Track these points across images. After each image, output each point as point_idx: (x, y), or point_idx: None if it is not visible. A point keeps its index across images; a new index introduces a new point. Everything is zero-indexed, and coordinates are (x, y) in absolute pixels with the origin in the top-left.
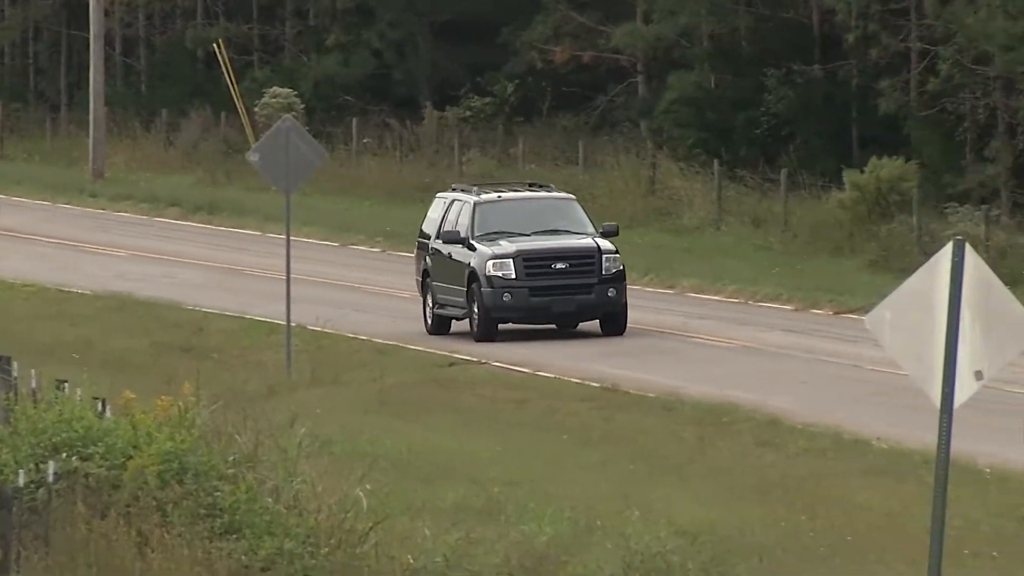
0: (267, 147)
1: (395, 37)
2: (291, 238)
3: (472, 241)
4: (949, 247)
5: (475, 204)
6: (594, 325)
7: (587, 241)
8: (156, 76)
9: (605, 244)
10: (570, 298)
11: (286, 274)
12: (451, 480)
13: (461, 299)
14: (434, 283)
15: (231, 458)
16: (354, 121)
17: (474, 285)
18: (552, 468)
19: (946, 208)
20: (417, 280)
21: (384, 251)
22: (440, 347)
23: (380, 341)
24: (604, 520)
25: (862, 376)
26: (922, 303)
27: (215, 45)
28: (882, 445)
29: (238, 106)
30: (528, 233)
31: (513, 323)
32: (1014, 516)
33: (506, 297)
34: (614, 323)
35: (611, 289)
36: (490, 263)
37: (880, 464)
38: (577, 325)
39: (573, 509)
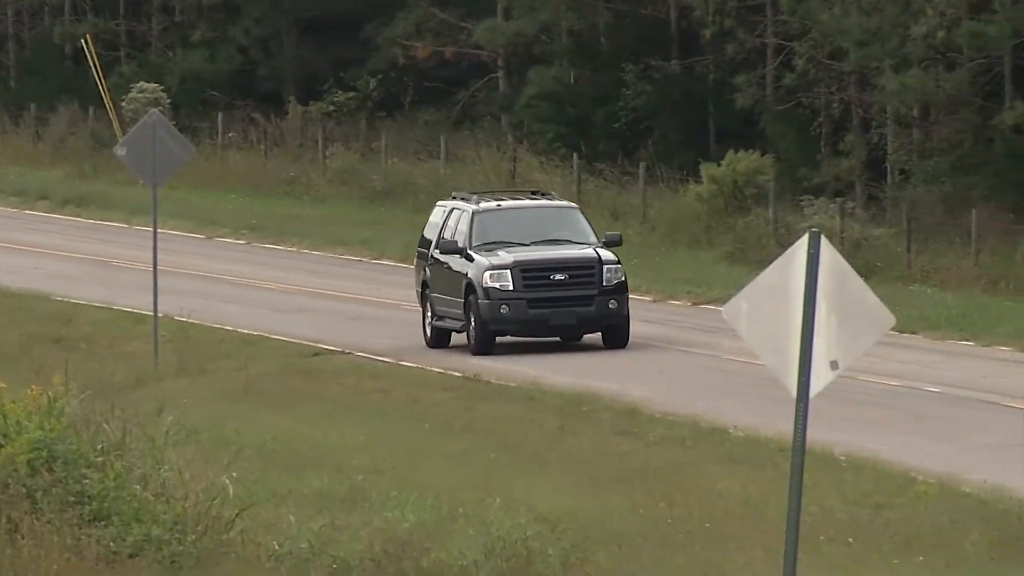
0: (134, 141)
1: (260, 33)
2: (158, 230)
3: (470, 251)
4: (805, 239)
5: (473, 213)
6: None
7: (587, 251)
8: (24, 71)
9: (606, 254)
10: (570, 310)
11: (153, 266)
12: (316, 468)
13: (459, 311)
14: (432, 294)
15: (100, 446)
16: (220, 116)
17: (471, 297)
18: (415, 457)
19: (801, 201)
20: (417, 291)
21: (249, 243)
22: (302, 336)
23: (245, 331)
24: (466, 507)
25: (720, 366)
26: (778, 294)
27: (83, 41)
28: (739, 434)
29: (106, 101)
30: (527, 243)
31: (512, 336)
32: (869, 503)
33: (504, 309)
34: (616, 336)
35: (612, 301)
36: (487, 274)
37: (737, 452)
38: (581, 337)
39: (436, 497)
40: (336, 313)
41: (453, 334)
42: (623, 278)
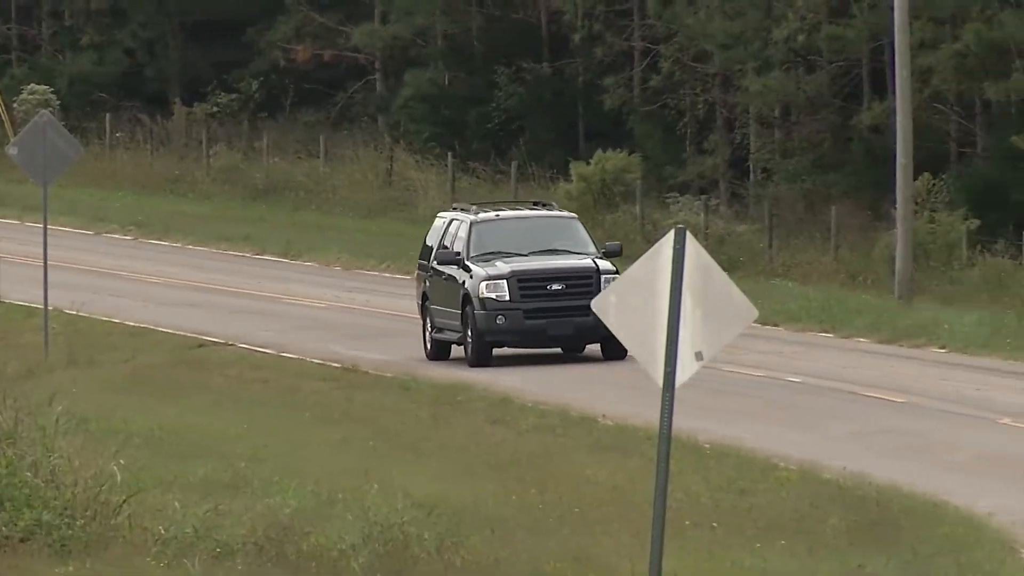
0: (25, 141)
1: (147, 37)
2: (48, 227)
3: (467, 262)
4: (671, 235)
5: (471, 223)
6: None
7: (585, 261)
8: None
9: (604, 264)
10: (567, 320)
11: (43, 261)
12: (200, 456)
13: (457, 322)
14: (432, 306)
15: None
16: (108, 117)
17: (468, 308)
18: (296, 444)
19: (667, 198)
20: (417, 303)
21: (136, 239)
22: (187, 328)
23: (132, 324)
24: (345, 493)
25: (588, 357)
26: (646, 288)
27: None
28: (608, 422)
29: None
30: (525, 253)
31: (509, 347)
32: (732, 489)
33: (500, 320)
34: (614, 347)
35: None
36: (483, 284)
37: (606, 440)
38: (583, 349)
39: (316, 483)
40: (220, 307)
41: (453, 346)
42: None
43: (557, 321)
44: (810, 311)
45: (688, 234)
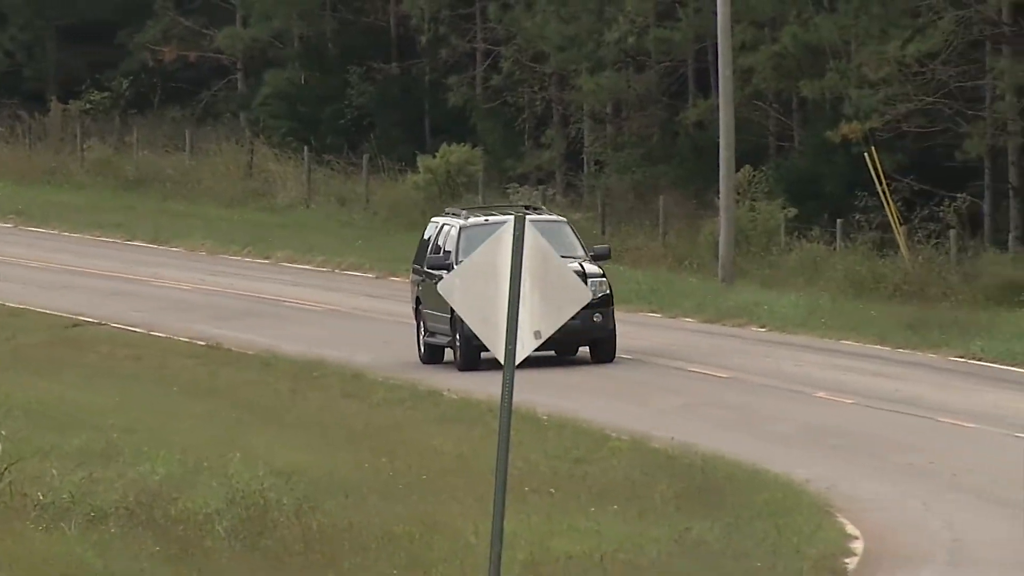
0: None
1: (25, 39)
2: None
3: (456, 266)
4: (511, 222)
5: (460, 228)
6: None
7: (571, 265)
8: None
9: (591, 268)
10: None
11: None
12: (76, 427)
13: (447, 326)
14: (424, 310)
15: None
16: None
17: (455, 312)
18: (164, 416)
19: (507, 188)
20: (412, 307)
21: (16, 226)
22: (64, 309)
23: (12, 305)
24: (210, 462)
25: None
26: (488, 272)
27: None
28: (453, 396)
29: None
30: None
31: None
32: (568, 458)
33: None
34: (603, 349)
35: (597, 314)
36: None
37: (451, 412)
38: (576, 351)
39: (183, 452)
40: (94, 289)
41: (447, 350)
42: (608, 291)
43: None
44: (640, 293)
45: (527, 222)
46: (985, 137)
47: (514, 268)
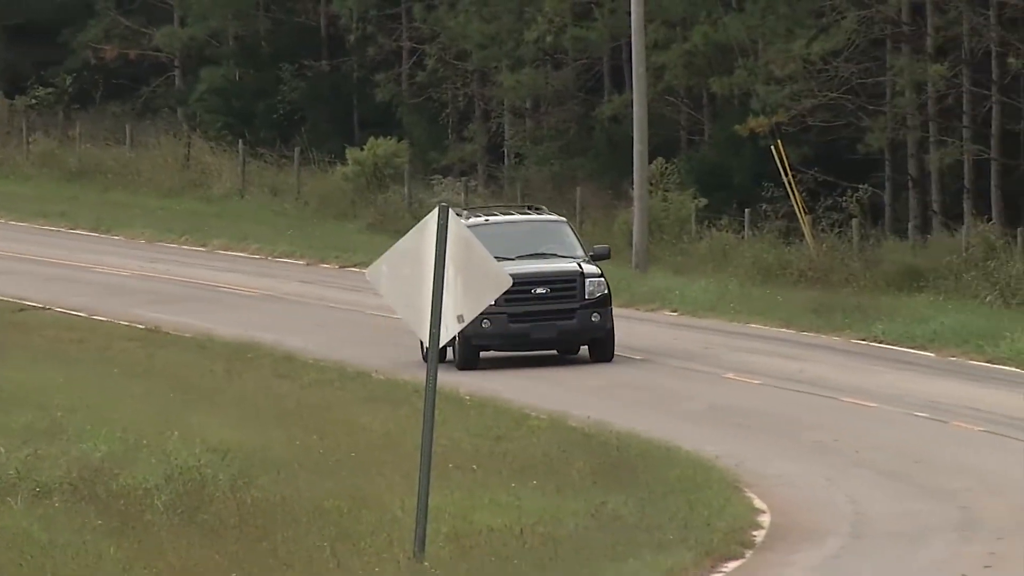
0: None
1: None
2: None
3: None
4: (435, 212)
5: None
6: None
7: (569, 265)
8: None
9: (589, 268)
10: (550, 324)
11: None
12: (22, 407)
13: None
14: None
15: None
16: None
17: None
18: (106, 396)
19: (432, 180)
20: None
21: None
22: (10, 295)
23: None
24: (149, 439)
25: (363, 320)
26: (413, 259)
27: None
28: (380, 377)
29: None
30: (513, 257)
31: (495, 351)
32: (490, 436)
33: (485, 324)
34: (601, 349)
35: (595, 314)
36: None
37: (379, 393)
38: (578, 350)
39: (123, 430)
40: (38, 275)
41: (449, 349)
42: (606, 291)
43: (540, 325)
44: None
45: (451, 211)
46: (886, 131)
47: (438, 255)
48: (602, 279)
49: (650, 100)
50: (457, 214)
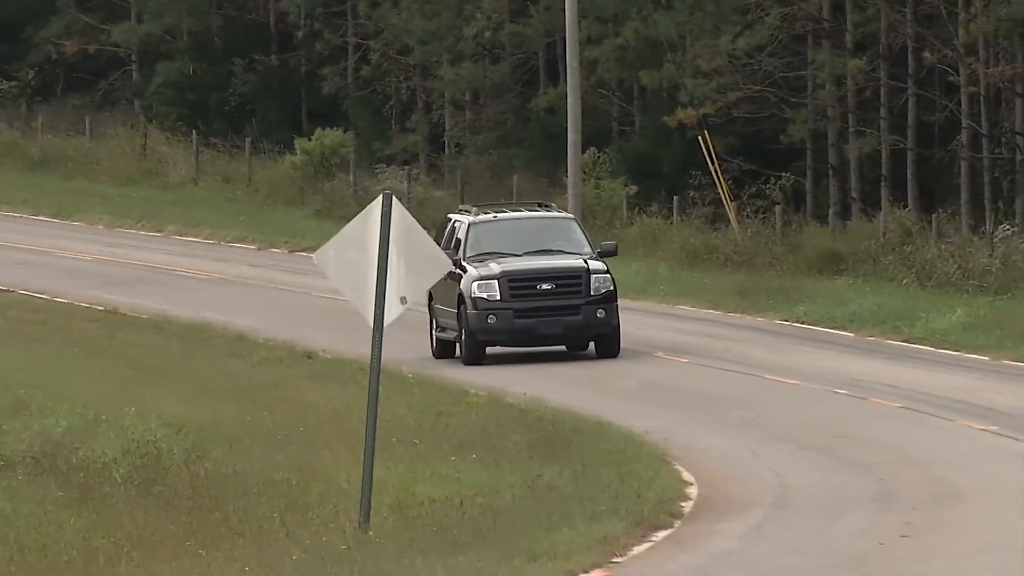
0: None
1: None
2: None
3: (463, 262)
4: (379, 199)
5: (469, 225)
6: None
7: (575, 261)
8: None
9: (595, 264)
10: (556, 319)
11: None
12: None
13: (455, 321)
14: (436, 305)
15: None
16: None
17: (462, 307)
18: (67, 374)
19: (376, 168)
20: (427, 304)
21: None
22: None
23: None
24: (108, 415)
25: (311, 301)
26: (359, 243)
27: None
28: (327, 356)
29: None
30: (520, 253)
31: (500, 346)
32: (431, 412)
33: (491, 319)
34: (607, 345)
35: (600, 310)
36: (475, 284)
37: (325, 371)
38: (587, 346)
39: (83, 406)
40: (2, 259)
41: (457, 344)
42: (612, 287)
43: (546, 320)
44: None
45: (394, 198)
46: (807, 122)
47: (382, 240)
48: (608, 275)
49: (583, 92)
50: (466, 211)
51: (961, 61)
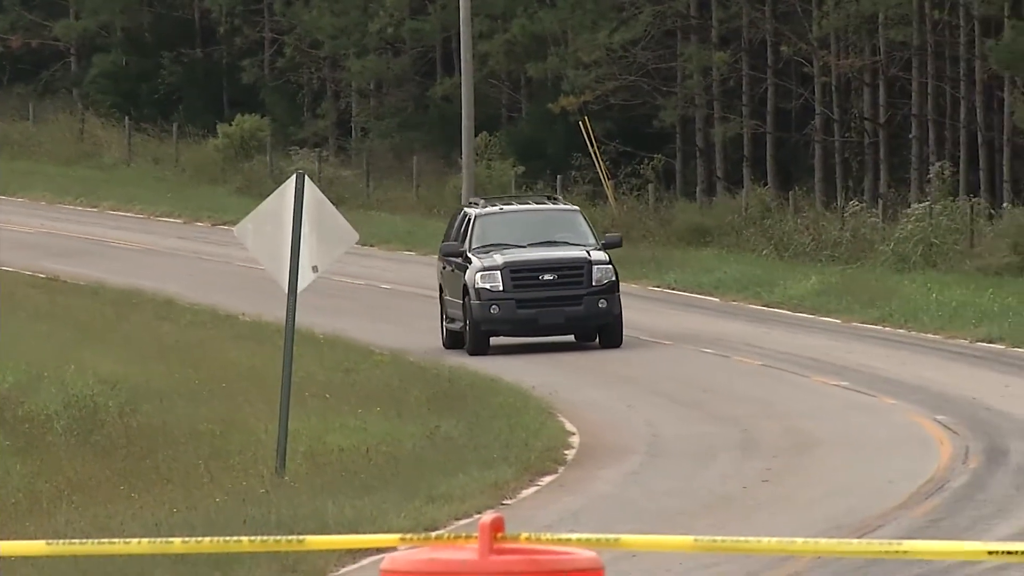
0: None
1: None
2: None
3: (469, 254)
4: (293, 178)
5: (475, 216)
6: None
7: (577, 252)
8: None
9: (597, 255)
10: (558, 310)
11: None
12: None
13: (462, 312)
14: (444, 296)
15: None
16: None
17: (466, 298)
18: (12, 336)
19: (290, 151)
20: (438, 295)
21: None
22: None
23: None
24: (49, 372)
25: (232, 270)
26: (275, 218)
27: None
28: (247, 319)
29: None
30: (524, 245)
31: (503, 336)
32: (340, 369)
33: (494, 310)
34: (609, 335)
35: (602, 300)
36: (478, 275)
37: (245, 332)
38: (595, 336)
39: (27, 364)
40: None
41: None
42: (614, 278)
43: (548, 311)
44: (397, 235)
45: (306, 178)
46: (677, 108)
47: (296, 215)
48: (610, 266)
49: (476, 82)
50: (475, 203)
51: (815, 54)
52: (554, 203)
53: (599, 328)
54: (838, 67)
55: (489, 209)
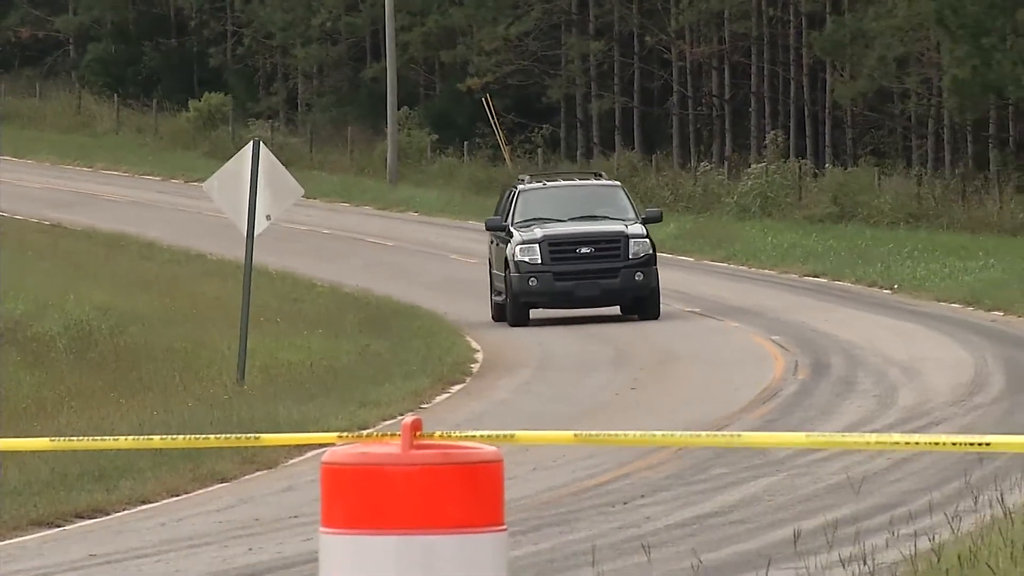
0: None
1: None
2: None
3: (511, 228)
4: (251, 144)
5: (519, 192)
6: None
7: (614, 226)
8: None
9: (634, 229)
10: (593, 282)
11: None
12: None
13: (503, 285)
14: (492, 271)
15: None
16: None
17: (507, 271)
18: (21, 273)
19: (249, 122)
20: (488, 270)
21: None
22: None
23: None
24: (53, 302)
25: (202, 219)
26: (236, 176)
27: None
28: (214, 258)
29: None
30: (565, 219)
31: (542, 308)
32: (289, 299)
33: (532, 282)
34: (646, 307)
35: (638, 273)
36: (518, 248)
37: (213, 269)
38: (633, 309)
39: (35, 295)
40: None
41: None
42: (651, 251)
43: (584, 283)
44: (335, 190)
45: (261, 144)
46: (561, 88)
47: (253, 173)
48: (647, 240)
49: (399, 66)
50: (522, 179)
51: (673, 43)
52: (597, 179)
53: (636, 300)
54: (692, 54)
55: (532, 184)
